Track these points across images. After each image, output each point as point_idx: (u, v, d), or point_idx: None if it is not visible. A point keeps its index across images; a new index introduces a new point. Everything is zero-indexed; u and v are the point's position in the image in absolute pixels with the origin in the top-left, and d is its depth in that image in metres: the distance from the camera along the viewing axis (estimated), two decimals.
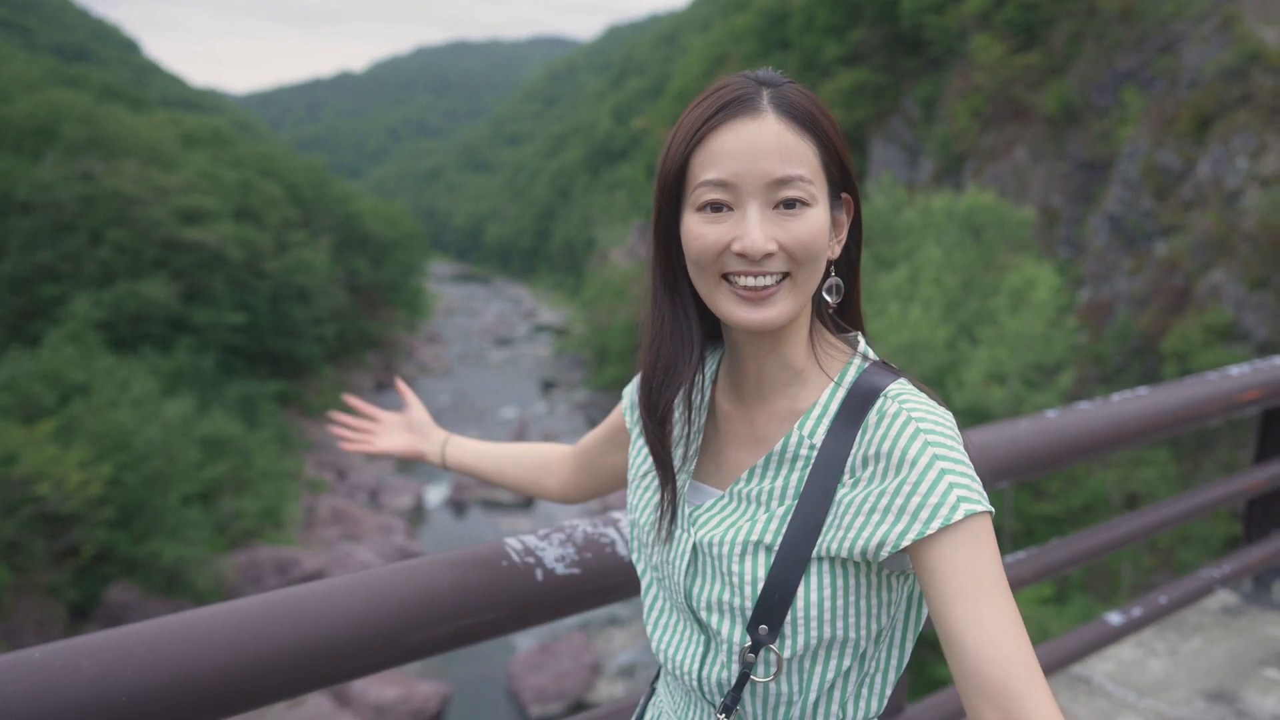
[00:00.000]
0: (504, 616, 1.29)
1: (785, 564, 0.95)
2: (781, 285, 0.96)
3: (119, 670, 1.02)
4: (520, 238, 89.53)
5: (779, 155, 0.94)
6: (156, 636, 1.06)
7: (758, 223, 0.94)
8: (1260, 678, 2.61)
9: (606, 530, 1.42)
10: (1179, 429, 2.36)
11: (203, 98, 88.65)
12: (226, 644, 1.09)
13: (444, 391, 45.91)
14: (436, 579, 1.26)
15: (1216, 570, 2.67)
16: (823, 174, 0.97)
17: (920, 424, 0.93)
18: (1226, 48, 22.88)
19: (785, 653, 0.97)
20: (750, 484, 1.02)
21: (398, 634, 1.20)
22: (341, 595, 1.19)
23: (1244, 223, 20.30)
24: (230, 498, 26.25)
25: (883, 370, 1.01)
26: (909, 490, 0.90)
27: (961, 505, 0.88)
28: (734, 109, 0.96)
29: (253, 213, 38.67)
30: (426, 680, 19.86)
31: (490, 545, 1.34)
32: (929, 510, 0.89)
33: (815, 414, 1.00)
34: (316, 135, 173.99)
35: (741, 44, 48.62)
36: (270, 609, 1.14)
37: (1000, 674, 0.84)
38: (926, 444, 0.91)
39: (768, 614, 0.96)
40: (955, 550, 0.89)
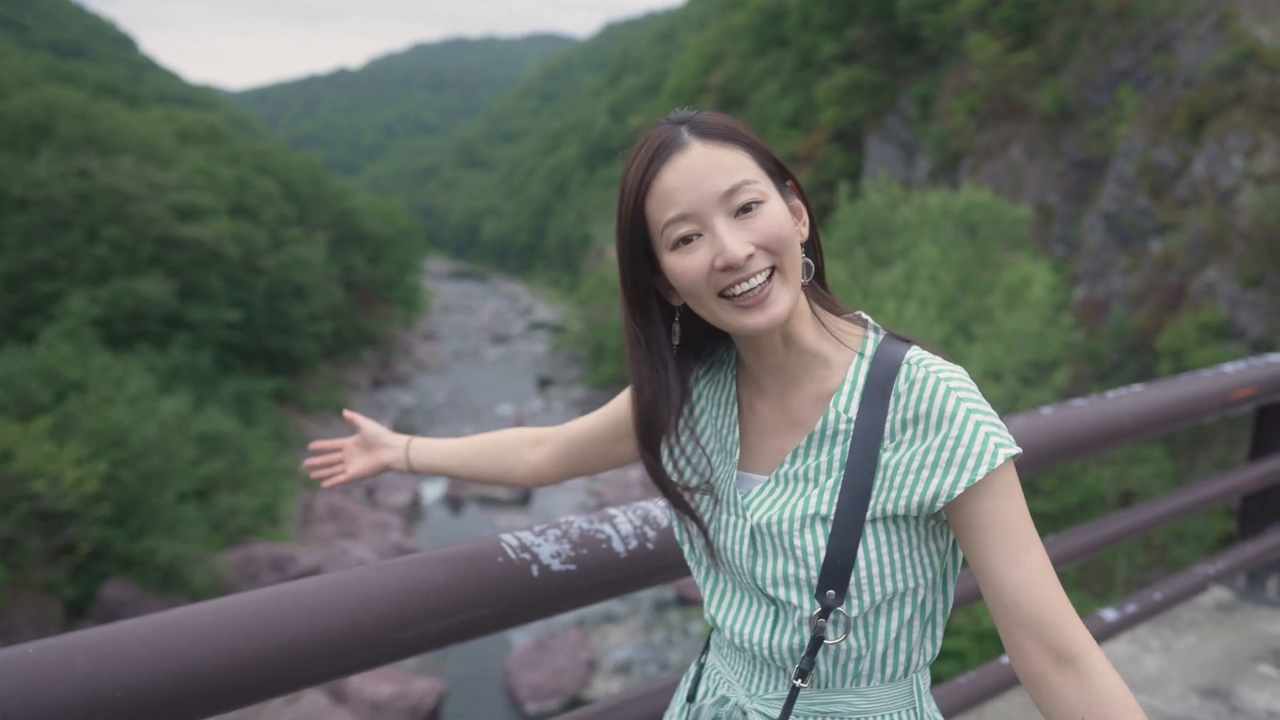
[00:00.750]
0: (499, 612, 1.29)
1: (842, 531, 1.03)
2: (772, 281, 1.04)
3: (114, 666, 1.02)
4: (516, 235, 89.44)
5: (718, 171, 1.03)
6: (151, 632, 1.06)
7: (728, 233, 1.02)
8: (1254, 674, 2.62)
9: (602, 526, 1.42)
10: (1174, 426, 2.36)
11: (199, 94, 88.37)
12: (221, 640, 1.09)
13: (440, 389, 45.87)
14: (432, 575, 1.26)
15: (1211, 567, 2.68)
16: (762, 171, 1.06)
17: (949, 383, 1.02)
18: (1222, 46, 22.91)
19: (853, 612, 1.05)
20: (795, 465, 1.10)
21: (392, 630, 1.20)
22: (336, 591, 1.19)
23: (1239, 221, 20.34)
24: (226, 495, 26.22)
25: (896, 340, 1.09)
26: (953, 444, 1.00)
27: (1000, 451, 0.99)
28: (663, 152, 1.05)
29: (249, 209, 38.59)
30: (423, 677, 19.85)
31: (486, 541, 1.34)
32: (975, 459, 0.99)
33: (846, 390, 1.08)
34: (313, 132, 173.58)
35: (738, 42, 48.58)
36: (264, 605, 1.14)
37: (1040, 607, 0.98)
38: (960, 400, 1.01)
39: (833, 580, 1.04)
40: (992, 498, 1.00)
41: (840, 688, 1.09)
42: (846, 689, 1.09)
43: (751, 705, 1.13)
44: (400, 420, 41.33)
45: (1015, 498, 1.02)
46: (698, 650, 1.26)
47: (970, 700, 2.07)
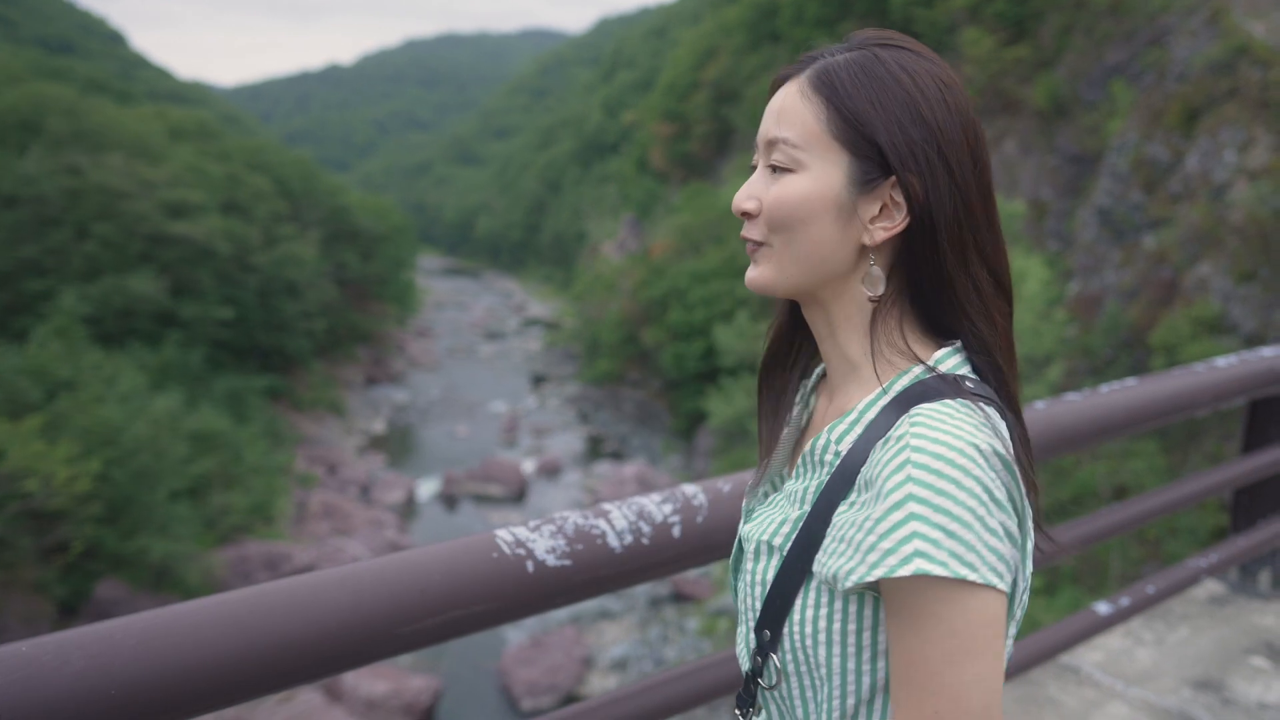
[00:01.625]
0: (495, 608, 1.29)
1: (789, 571, 0.90)
2: (760, 250, 0.95)
3: (108, 663, 1.02)
4: (510, 231, 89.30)
5: (775, 117, 0.94)
6: (145, 629, 1.06)
7: (751, 181, 0.96)
8: (1247, 666, 2.64)
9: (597, 522, 1.42)
10: (1167, 419, 2.37)
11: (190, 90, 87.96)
12: (216, 637, 1.09)
13: (434, 386, 45.83)
14: (427, 571, 1.25)
15: (1204, 560, 2.69)
16: (830, 141, 0.90)
17: (915, 455, 0.80)
18: (1215, 41, 22.97)
19: (785, 667, 0.91)
20: (795, 482, 0.98)
21: (389, 626, 1.20)
22: (332, 588, 1.19)
23: (1232, 215, 20.41)
24: (219, 493, 26.18)
25: (943, 385, 0.87)
26: (871, 527, 0.82)
27: (915, 560, 0.78)
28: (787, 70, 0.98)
29: (240, 206, 38.48)
30: (417, 675, 19.85)
31: (481, 537, 1.34)
32: (878, 554, 0.80)
33: (850, 419, 0.92)
34: (305, 128, 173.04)
35: (732, 37, 48.55)
36: (260, 602, 1.14)
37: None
38: (909, 479, 0.80)
39: (770, 620, 0.92)
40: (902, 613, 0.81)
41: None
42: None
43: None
44: (394, 417, 41.30)
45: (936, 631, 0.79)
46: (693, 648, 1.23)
47: None
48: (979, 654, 0.79)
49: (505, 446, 36.75)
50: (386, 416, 41.37)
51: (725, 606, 23.15)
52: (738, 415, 27.48)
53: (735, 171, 43.53)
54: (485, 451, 35.24)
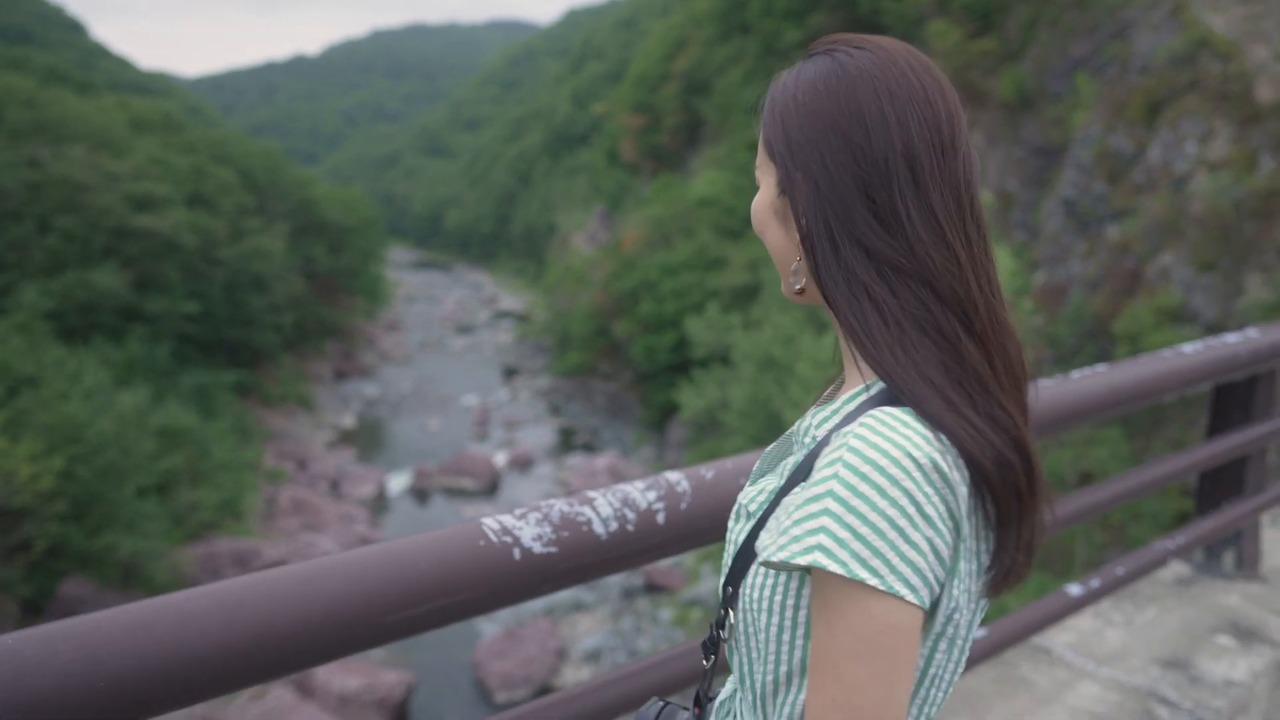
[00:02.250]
0: (482, 595, 1.29)
1: (754, 537, 0.94)
2: None
3: (95, 655, 1.01)
4: (480, 224, 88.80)
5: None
6: (132, 621, 1.06)
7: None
8: (1212, 644, 2.70)
9: (582, 509, 1.42)
10: (1136, 404, 2.42)
11: (152, 81, 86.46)
12: (203, 627, 1.08)
13: (405, 380, 45.53)
14: (415, 559, 1.26)
15: (1170, 542, 2.75)
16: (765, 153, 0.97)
17: (849, 454, 0.81)
18: (1176, 34, 23.32)
19: (737, 623, 0.95)
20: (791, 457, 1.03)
21: (377, 614, 1.20)
22: (319, 578, 1.19)
23: (1192, 206, 20.76)
24: (187, 489, 25.90)
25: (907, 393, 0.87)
26: (791, 511, 0.84)
27: (815, 552, 0.79)
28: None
29: (206, 199, 37.96)
30: (391, 669, 19.77)
31: (468, 525, 1.34)
32: (787, 538, 0.82)
33: (832, 408, 0.95)
34: (270, 120, 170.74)
35: (701, 28, 48.51)
36: (247, 593, 1.13)
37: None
38: (836, 475, 0.81)
39: (734, 577, 0.96)
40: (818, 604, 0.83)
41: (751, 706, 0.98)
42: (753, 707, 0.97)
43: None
44: (365, 411, 41.00)
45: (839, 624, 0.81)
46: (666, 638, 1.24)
47: None
48: (879, 656, 0.80)
49: (477, 440, 36.62)
50: (356, 411, 41.07)
51: (698, 597, 23.25)
52: (709, 407, 27.58)
53: (705, 164, 43.55)
54: (457, 445, 35.09)
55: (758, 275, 30.76)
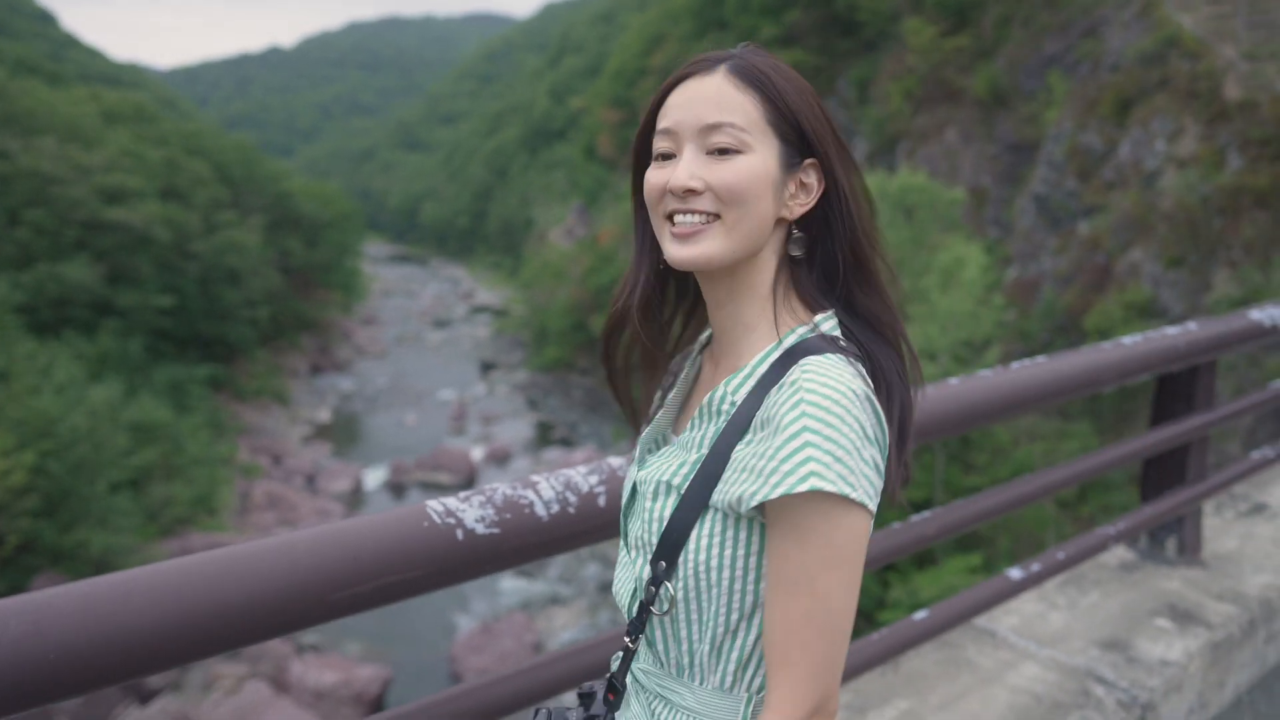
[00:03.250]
0: (426, 574, 1.35)
1: (686, 506, 1.02)
2: (710, 226, 1.03)
3: (46, 629, 1.06)
4: (457, 218, 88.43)
5: (714, 104, 1.02)
6: (84, 596, 1.10)
7: (687, 162, 1.02)
8: (1151, 627, 2.80)
9: (525, 492, 1.48)
10: (1074, 395, 2.50)
11: (124, 73, 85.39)
12: (154, 602, 1.13)
13: (381, 374, 45.34)
14: (360, 539, 1.31)
15: (1113, 528, 2.84)
16: (767, 128, 1.03)
17: (807, 395, 0.95)
18: (1146, 33, 23.61)
19: (677, 592, 1.04)
20: (689, 433, 1.10)
21: (322, 592, 1.25)
22: (267, 556, 1.24)
23: (1162, 203, 21.05)
24: (161, 484, 25.70)
25: (823, 343, 1.02)
26: (770, 453, 0.95)
27: (811, 479, 0.92)
28: (691, 71, 1.06)
29: (179, 192, 37.60)
30: (367, 664, 19.75)
31: (413, 507, 1.40)
32: (779, 475, 0.93)
33: (744, 373, 1.05)
34: (245, 113, 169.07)
35: (679, 23, 48.56)
36: (197, 570, 1.18)
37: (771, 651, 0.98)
38: (804, 414, 0.94)
39: (666, 551, 1.03)
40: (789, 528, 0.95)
41: (677, 675, 1.08)
42: (679, 679, 1.08)
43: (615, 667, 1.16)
44: (340, 406, 40.80)
45: (814, 542, 0.95)
46: None
47: (887, 653, 2.19)
48: (847, 563, 0.96)
49: (454, 434, 36.55)
50: (332, 405, 40.86)
51: None
52: None
53: None
54: (434, 439, 35.00)
55: None
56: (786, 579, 0.96)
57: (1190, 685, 2.66)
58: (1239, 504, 3.79)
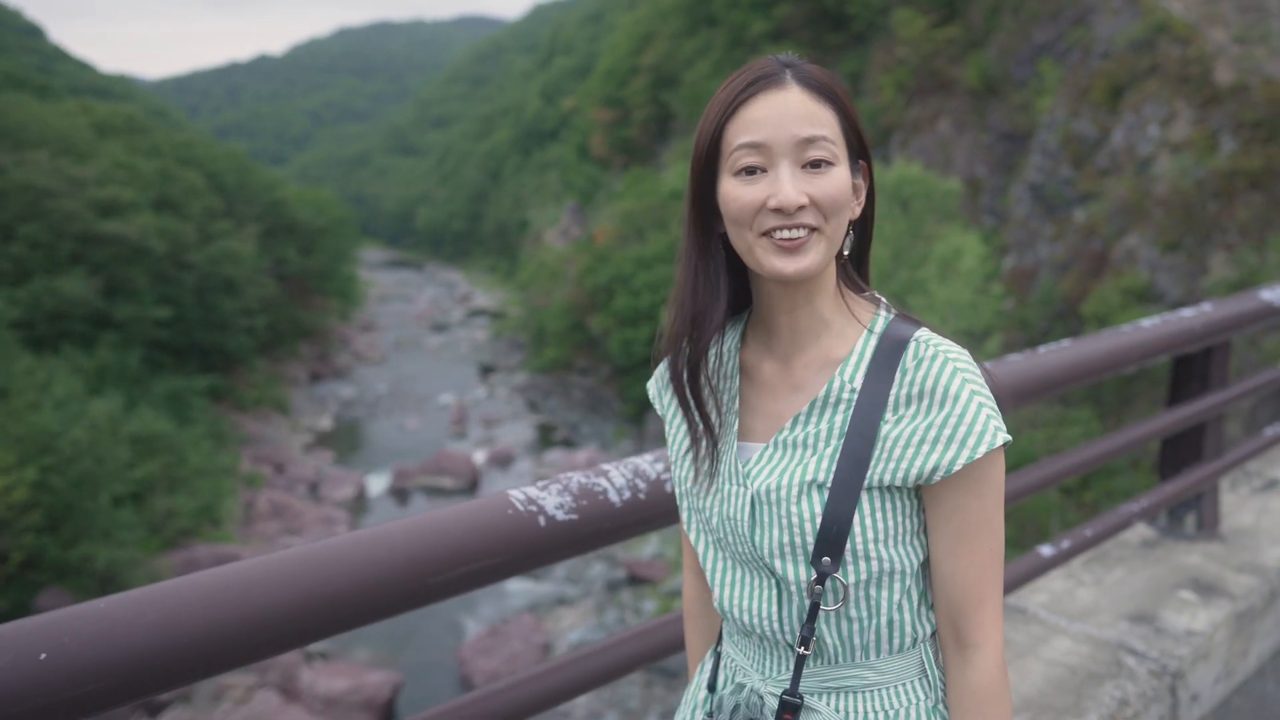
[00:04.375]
0: (512, 559, 1.43)
1: (839, 498, 1.07)
2: (811, 237, 1.07)
3: (177, 616, 1.13)
4: (452, 221, 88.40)
5: (805, 119, 1.06)
6: (210, 586, 1.18)
7: (789, 179, 1.05)
8: (1176, 600, 2.89)
9: (598, 480, 1.56)
10: (1098, 377, 2.58)
11: (114, 84, 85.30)
12: (269, 592, 1.21)
13: (380, 380, 45.36)
14: (449, 528, 1.39)
15: (1135, 505, 2.93)
16: (843, 138, 1.09)
17: (956, 363, 1.06)
18: (1136, 19, 23.71)
19: (849, 579, 1.08)
20: (795, 431, 1.12)
21: (420, 577, 1.33)
22: (367, 545, 1.31)
23: (1156, 188, 21.15)
24: (164, 497, 25.70)
25: (907, 320, 1.13)
26: (955, 421, 1.04)
27: (998, 434, 1.03)
28: (762, 83, 1.08)
29: (173, 203, 37.58)
30: (376, 670, 19.80)
31: (497, 496, 1.47)
32: (975, 437, 1.03)
33: (853, 360, 1.11)
34: (236, 121, 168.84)
35: (668, 21, 48.59)
36: (309, 560, 1.26)
37: (958, 595, 1.09)
38: (965, 380, 1.04)
39: (828, 546, 1.07)
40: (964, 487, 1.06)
41: (849, 661, 1.12)
42: (856, 663, 1.12)
43: (766, 688, 1.16)
44: (341, 413, 40.83)
45: (989, 488, 1.07)
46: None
47: None
48: (1003, 495, 1.10)
49: (455, 438, 36.59)
50: (333, 412, 40.89)
51: (679, 587, 23.44)
52: None
53: (676, 156, 43.67)
54: (435, 444, 35.04)
55: None
56: (969, 528, 1.08)
57: (1217, 654, 2.75)
58: (1253, 480, 3.87)
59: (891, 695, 1.13)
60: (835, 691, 1.13)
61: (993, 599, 1.09)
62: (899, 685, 1.13)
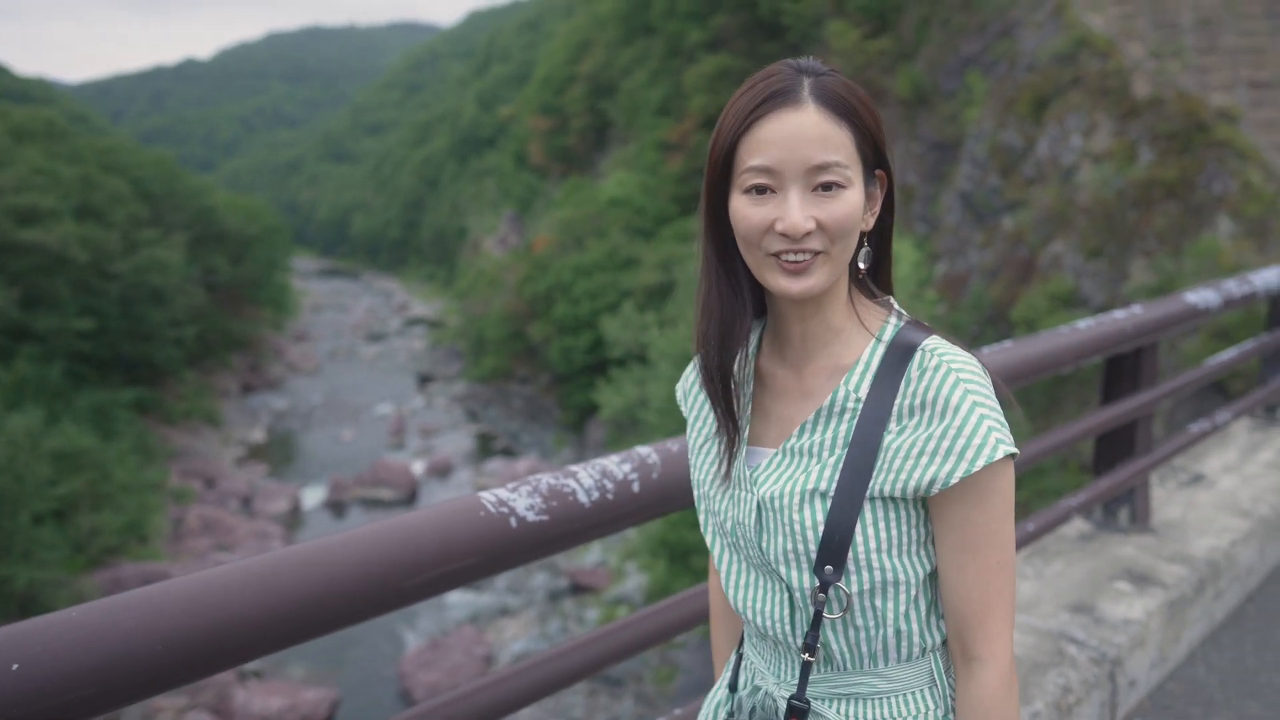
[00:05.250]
0: (485, 561, 1.43)
1: (841, 507, 1.07)
2: (817, 259, 1.07)
3: (153, 623, 1.12)
4: (388, 229, 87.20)
5: (818, 143, 1.04)
6: (184, 592, 1.17)
7: (798, 205, 1.04)
8: (1112, 590, 3.00)
9: (567, 481, 1.58)
10: (1037, 376, 2.68)
11: (32, 88, 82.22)
12: (247, 596, 1.20)
13: (315, 391, 44.51)
14: (423, 531, 1.39)
15: (1074, 501, 3.04)
16: (858, 156, 1.07)
17: (960, 374, 1.05)
18: (1058, 33, 24.49)
19: (853, 589, 1.09)
20: (802, 439, 1.13)
21: (395, 580, 1.33)
22: (342, 549, 1.31)
23: (1079, 197, 21.85)
24: (88, 514, 24.88)
25: (916, 327, 1.13)
26: (954, 433, 1.03)
27: (1000, 446, 1.02)
28: (777, 100, 1.06)
29: (96, 210, 36.41)
30: (313, 687, 19.41)
31: (468, 498, 1.48)
32: (975, 450, 1.02)
33: (859, 370, 1.11)
34: (162, 127, 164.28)
35: (606, 30, 48.72)
36: (282, 564, 1.25)
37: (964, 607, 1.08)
38: (967, 392, 1.04)
39: (831, 555, 1.08)
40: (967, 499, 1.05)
41: (858, 669, 1.13)
42: (865, 670, 1.13)
43: (779, 692, 1.17)
44: (275, 425, 39.94)
45: (995, 500, 1.05)
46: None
47: None
48: (1011, 507, 1.08)
49: (393, 449, 36.08)
50: (266, 424, 39.98)
51: (623, 595, 23.42)
52: (628, 405, 27.78)
53: (614, 165, 43.77)
54: (372, 455, 34.49)
55: (670, 274, 31.12)
56: (972, 540, 1.06)
57: (1152, 641, 2.87)
58: (1179, 475, 4.05)
59: (900, 703, 1.13)
60: (844, 698, 1.14)
61: (999, 612, 1.07)
62: (908, 694, 1.14)
